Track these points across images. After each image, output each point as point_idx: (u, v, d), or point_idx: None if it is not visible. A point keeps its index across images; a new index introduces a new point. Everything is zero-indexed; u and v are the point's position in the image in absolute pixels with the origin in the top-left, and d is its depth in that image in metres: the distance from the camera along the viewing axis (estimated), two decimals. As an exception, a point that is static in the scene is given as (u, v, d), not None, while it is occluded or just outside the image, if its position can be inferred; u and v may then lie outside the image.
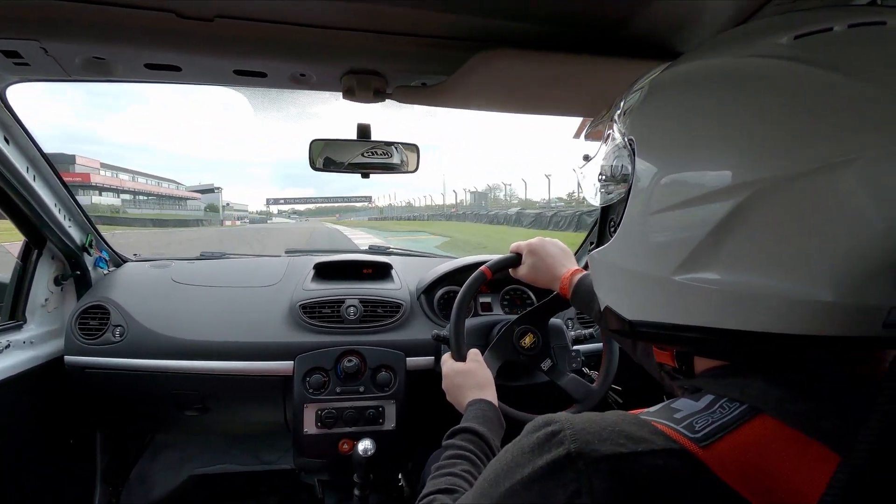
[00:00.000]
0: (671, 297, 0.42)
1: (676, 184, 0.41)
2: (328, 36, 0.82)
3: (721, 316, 0.39)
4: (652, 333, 0.46)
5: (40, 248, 1.34)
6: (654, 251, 0.43)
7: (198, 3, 0.74)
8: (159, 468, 1.86)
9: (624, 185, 0.47)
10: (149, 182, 73.95)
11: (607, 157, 0.51)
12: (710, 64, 0.42)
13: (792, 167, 0.34)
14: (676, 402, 0.41)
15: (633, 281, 0.46)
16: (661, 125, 0.44)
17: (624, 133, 0.47)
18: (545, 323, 1.22)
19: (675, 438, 0.36)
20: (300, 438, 1.33)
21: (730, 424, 0.36)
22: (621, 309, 0.49)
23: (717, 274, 0.38)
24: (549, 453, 0.37)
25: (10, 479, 1.21)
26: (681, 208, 0.40)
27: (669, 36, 0.82)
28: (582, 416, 0.40)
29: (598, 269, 0.54)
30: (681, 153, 0.41)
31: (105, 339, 1.36)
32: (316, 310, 1.44)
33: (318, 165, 1.10)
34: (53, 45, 0.81)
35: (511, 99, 1.00)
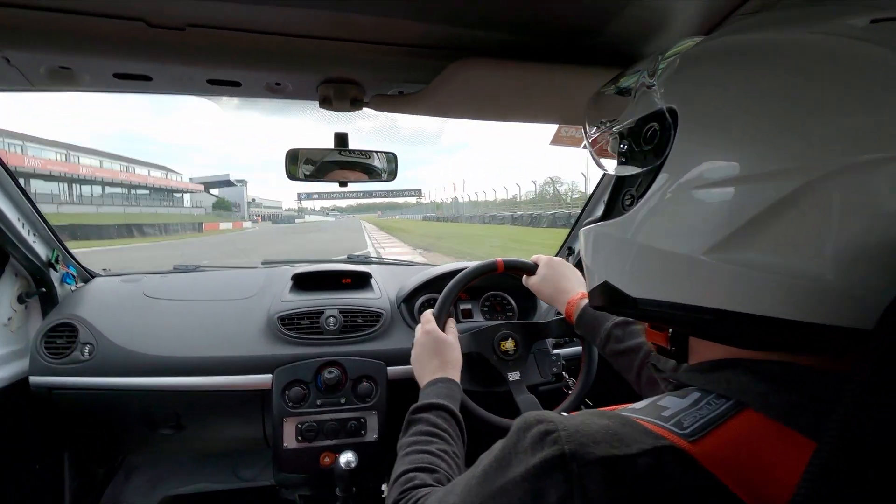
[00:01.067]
0: (693, 278, 0.40)
1: (727, 160, 0.38)
2: (303, 45, 0.82)
3: (741, 300, 0.37)
4: (657, 312, 0.44)
5: (2, 265, 1.29)
6: (685, 229, 0.40)
7: (168, 12, 0.73)
8: (131, 490, 1.79)
9: (654, 157, 0.44)
10: (109, 166, 49.93)
11: (636, 124, 0.47)
12: (770, 37, 0.39)
13: (857, 154, 0.32)
14: (663, 399, 0.42)
15: (648, 257, 0.44)
16: (712, 97, 0.41)
17: (662, 100, 0.44)
18: (531, 341, 1.24)
19: (663, 436, 0.36)
20: (280, 453, 1.30)
21: (717, 419, 0.37)
22: (626, 286, 0.47)
23: (754, 258, 0.36)
24: (541, 452, 0.37)
25: None
26: (725, 186, 0.38)
27: (638, 45, 0.85)
28: (575, 419, 0.39)
29: (600, 242, 0.52)
30: (734, 129, 0.38)
31: (73, 357, 1.31)
32: (294, 321, 1.41)
33: (297, 175, 1.09)
34: (16, 55, 0.78)
35: (488, 107, 1.01)
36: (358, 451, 1.26)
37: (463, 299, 1.62)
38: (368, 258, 2.00)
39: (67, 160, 42.60)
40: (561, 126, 1.50)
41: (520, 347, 1.19)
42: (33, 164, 36.76)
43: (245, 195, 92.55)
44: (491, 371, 1.19)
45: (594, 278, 0.53)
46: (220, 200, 79.08)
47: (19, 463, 1.33)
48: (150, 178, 59.69)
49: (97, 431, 1.45)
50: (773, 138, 0.36)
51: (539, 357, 1.34)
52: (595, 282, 0.53)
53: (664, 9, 0.76)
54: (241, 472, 1.93)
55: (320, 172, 1.10)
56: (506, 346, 1.18)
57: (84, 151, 46.98)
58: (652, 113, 0.45)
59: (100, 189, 47.92)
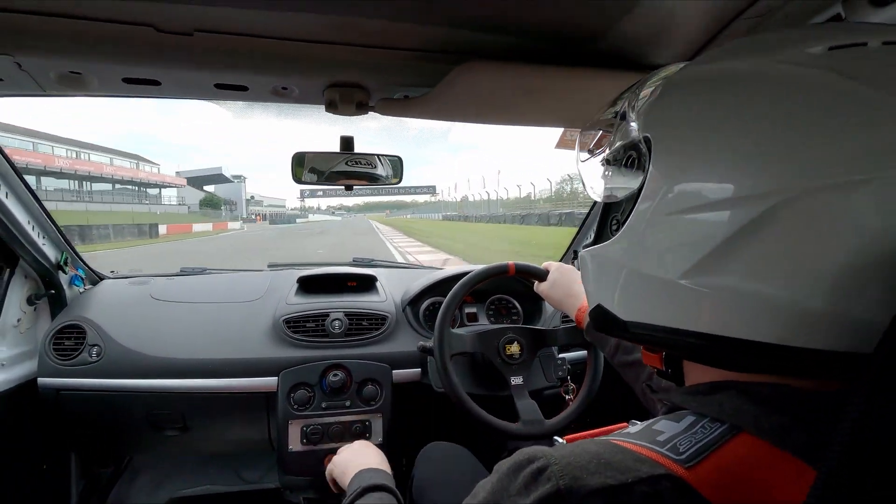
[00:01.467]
0: (675, 302, 0.41)
1: (696, 187, 0.39)
2: (310, 49, 0.83)
3: (724, 324, 0.38)
4: (646, 335, 0.45)
5: (12, 266, 1.30)
6: (663, 253, 0.42)
7: (177, 17, 0.73)
8: (137, 491, 1.80)
9: (634, 183, 0.45)
10: (49, 150, 36.70)
11: (617, 153, 0.49)
12: (737, 66, 0.41)
13: (819, 179, 0.33)
14: (658, 423, 0.41)
15: (634, 281, 0.45)
16: (682, 125, 0.42)
17: (639, 130, 0.46)
18: (536, 347, 1.23)
19: (659, 462, 0.36)
20: (285, 456, 1.30)
21: (712, 444, 0.36)
22: (616, 308, 0.48)
23: (729, 281, 0.37)
24: (536, 492, 0.36)
25: None
26: (697, 212, 0.39)
27: (643, 49, 0.85)
28: (565, 449, 0.39)
29: (592, 265, 0.53)
30: (703, 156, 0.39)
31: (81, 359, 1.32)
32: (300, 324, 1.42)
33: (302, 178, 1.09)
34: (28, 60, 0.79)
35: (493, 110, 1.01)
36: None
37: (468, 302, 1.62)
38: (373, 261, 2.00)
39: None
40: (566, 129, 1.50)
41: (525, 352, 1.19)
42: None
43: (243, 192, 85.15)
44: (494, 374, 1.19)
45: (591, 300, 0.54)
46: (208, 197, 69.10)
47: (27, 463, 1.34)
48: (112, 168, 45.60)
49: (103, 432, 1.45)
50: (740, 163, 0.37)
51: (544, 361, 1.34)
52: (591, 303, 0.54)
53: (669, 12, 0.76)
54: (245, 474, 1.93)
55: (326, 177, 1.10)
56: (511, 350, 1.18)
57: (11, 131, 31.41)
58: (630, 142, 0.47)
59: (33, 180, 32.80)
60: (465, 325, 1.57)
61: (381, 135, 44.95)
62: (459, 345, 1.17)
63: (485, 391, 1.23)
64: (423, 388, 1.36)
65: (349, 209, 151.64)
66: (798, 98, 0.36)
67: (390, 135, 48.43)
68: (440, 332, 1.14)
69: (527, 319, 1.61)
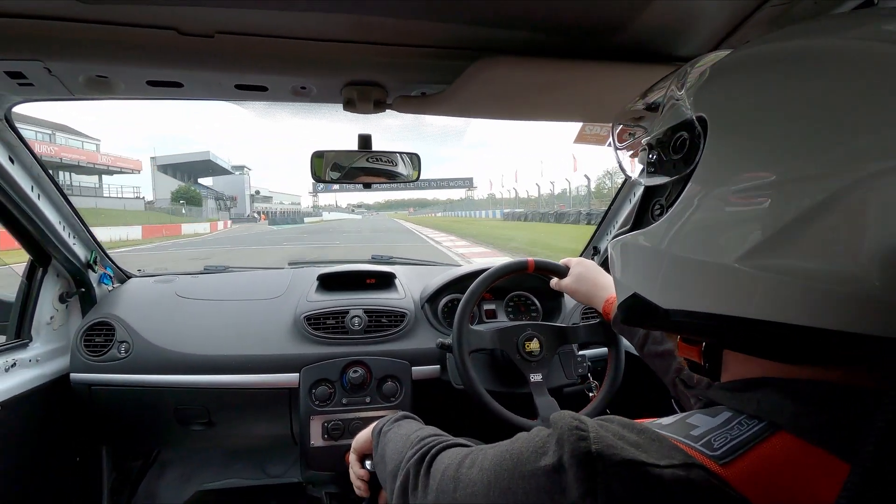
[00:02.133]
0: (726, 287, 0.39)
1: (760, 166, 0.37)
2: (327, 49, 0.83)
3: (781, 309, 0.36)
4: (690, 324, 0.43)
5: (45, 266, 1.35)
6: (717, 236, 0.40)
7: (198, 20, 0.75)
8: (166, 484, 1.85)
9: (683, 166, 0.44)
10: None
11: (664, 135, 0.47)
12: (806, 44, 0.39)
13: (892, 160, 0.32)
14: (692, 416, 0.40)
15: (679, 267, 0.43)
16: (745, 103, 0.41)
17: (691, 110, 0.44)
18: (556, 344, 1.22)
19: (693, 456, 0.35)
20: (307, 451, 1.32)
21: (749, 441, 0.35)
22: (656, 297, 0.46)
23: (793, 263, 0.35)
24: (570, 447, 0.37)
25: (17, 498, 1.21)
26: (761, 192, 0.37)
27: (665, 40, 0.83)
28: (601, 421, 0.39)
29: (627, 254, 0.51)
30: (770, 134, 0.38)
31: (111, 355, 1.36)
32: (320, 321, 1.44)
33: (323, 177, 1.10)
34: (57, 65, 0.82)
35: (511, 106, 1.00)
36: None
37: (487, 299, 1.61)
38: (392, 258, 2.01)
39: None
40: (585, 124, 1.48)
41: (544, 349, 1.18)
42: None
43: (247, 186, 74.72)
44: (513, 371, 1.18)
45: (623, 290, 0.52)
46: (183, 189, 52.14)
47: (61, 455, 1.39)
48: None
49: (133, 427, 1.50)
50: (808, 143, 0.35)
51: (564, 358, 1.33)
52: (624, 294, 0.52)
53: (690, 3, 0.74)
54: (269, 468, 1.97)
55: (345, 175, 1.11)
56: (530, 347, 1.18)
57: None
58: (680, 122, 0.45)
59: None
60: (483, 321, 1.57)
61: (400, 132, 43.39)
62: (478, 341, 1.17)
63: (504, 388, 1.22)
64: (442, 385, 1.36)
65: (369, 207, 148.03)
66: (872, 73, 0.34)
67: (408, 132, 47.22)
68: (459, 328, 1.14)
69: (546, 316, 1.60)
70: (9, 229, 1.20)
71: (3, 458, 1.11)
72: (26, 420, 1.22)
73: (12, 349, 1.26)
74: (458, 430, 0.85)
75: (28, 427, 1.23)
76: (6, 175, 1.04)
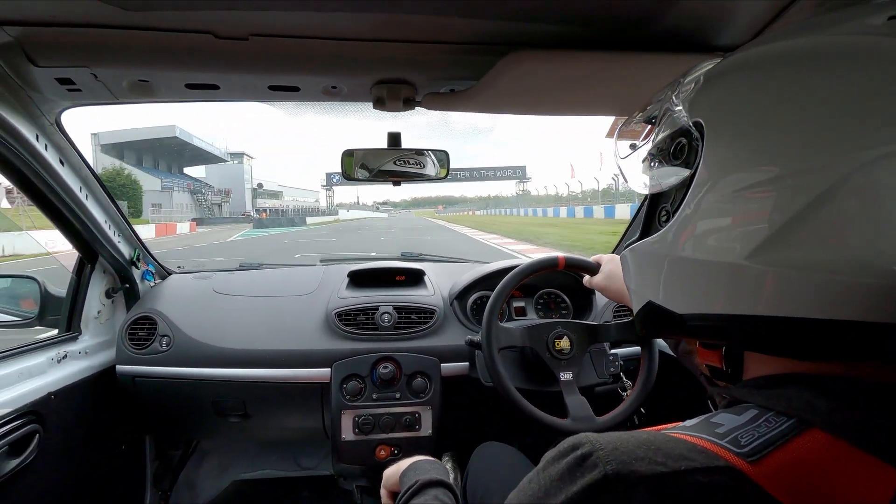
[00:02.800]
0: (738, 286, 0.39)
1: (760, 162, 0.38)
2: (357, 48, 0.84)
3: (797, 304, 0.35)
4: (706, 327, 0.43)
5: (93, 263, 1.41)
6: (725, 235, 0.40)
7: (233, 23, 0.77)
8: (204, 473, 1.92)
9: (685, 169, 0.44)
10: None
11: (663, 143, 0.48)
12: (794, 44, 0.40)
13: (890, 146, 0.32)
14: (716, 416, 0.39)
15: (690, 271, 0.43)
16: (739, 103, 0.41)
17: (687, 117, 0.45)
18: (587, 343, 1.20)
19: (718, 454, 0.34)
20: (338, 445, 1.35)
21: (778, 439, 0.34)
22: (670, 303, 0.46)
23: (802, 255, 0.35)
24: (583, 478, 0.35)
25: (68, 483, 1.28)
26: (763, 187, 0.37)
27: (703, 29, 0.80)
28: (611, 435, 0.38)
29: (637, 263, 0.51)
30: (767, 130, 0.38)
31: (153, 348, 1.42)
32: (351, 317, 1.46)
33: (353, 175, 1.12)
34: (102, 71, 0.86)
35: (541, 101, 0.99)
36: (412, 447, 1.28)
37: (516, 297, 1.60)
38: (421, 255, 2.02)
39: None
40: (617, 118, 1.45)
41: (575, 347, 1.17)
42: None
43: (248, 177, 62.32)
44: (543, 369, 1.17)
45: (638, 299, 0.52)
46: (109, 175, 36.44)
47: (108, 443, 1.46)
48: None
49: (174, 417, 1.56)
50: (810, 134, 0.35)
51: (595, 356, 1.31)
52: (639, 303, 0.51)
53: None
54: (302, 460, 2.02)
55: (375, 173, 1.12)
56: (560, 345, 1.16)
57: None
58: (678, 129, 0.46)
59: None
60: (513, 319, 1.56)
61: (426, 130, 41.22)
62: (507, 339, 1.16)
63: (533, 386, 1.21)
64: (471, 382, 1.36)
65: (395, 204, 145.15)
66: (861, 65, 0.35)
67: (433, 130, 45.21)
68: (488, 325, 1.14)
69: (577, 314, 1.58)
70: (60, 228, 1.27)
71: (55, 444, 1.17)
72: (76, 409, 1.29)
73: (63, 342, 1.33)
74: (488, 427, 0.85)
75: (77, 416, 1.30)
76: (57, 177, 1.10)
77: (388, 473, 0.85)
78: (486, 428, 0.89)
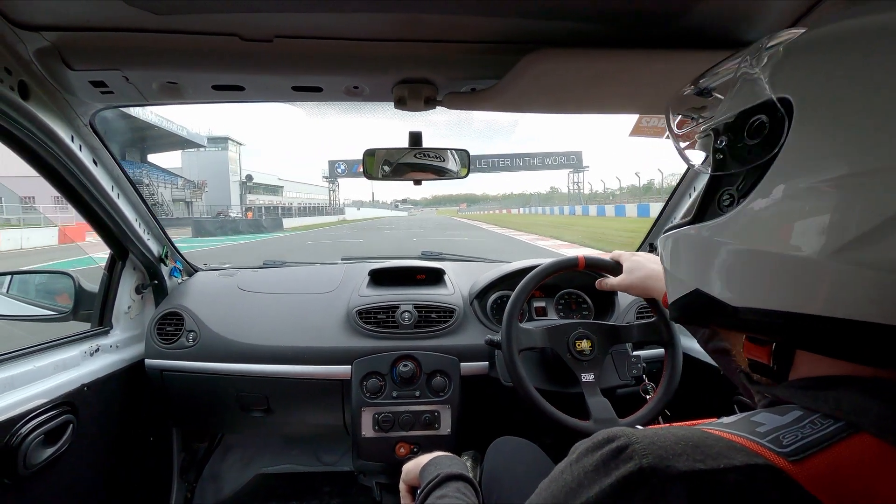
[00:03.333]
0: (815, 283, 0.36)
1: (858, 152, 0.34)
2: (379, 48, 0.85)
3: (878, 307, 0.33)
4: (762, 323, 0.40)
5: (123, 259, 1.46)
6: (807, 229, 0.36)
7: (258, 25, 0.79)
8: (228, 466, 1.96)
9: (762, 152, 0.40)
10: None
11: (736, 118, 0.43)
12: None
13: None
14: (757, 415, 0.38)
15: (755, 262, 0.40)
16: (837, 83, 0.37)
17: (771, 91, 0.40)
18: (609, 344, 1.18)
19: (758, 453, 0.32)
20: (358, 441, 1.36)
21: (824, 441, 0.33)
22: (723, 294, 0.43)
23: (894, 258, 0.32)
24: (617, 470, 0.34)
25: (100, 471, 1.32)
26: (859, 179, 0.34)
27: (731, 25, 0.78)
28: (647, 430, 0.37)
29: (690, 247, 0.48)
30: (869, 116, 0.34)
31: (180, 343, 1.46)
32: (371, 315, 1.47)
33: (375, 174, 1.13)
34: (133, 73, 0.89)
35: (563, 100, 0.98)
36: (432, 445, 1.28)
37: (537, 297, 1.59)
38: (441, 254, 2.03)
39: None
40: (642, 116, 1.42)
41: (596, 348, 1.15)
42: None
43: (236, 168, 51.34)
44: (564, 370, 1.16)
45: (681, 287, 0.48)
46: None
47: (137, 434, 1.50)
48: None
49: (200, 411, 1.60)
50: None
51: (617, 358, 1.29)
52: (682, 290, 0.48)
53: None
54: (323, 456, 2.04)
55: (396, 172, 1.12)
56: (581, 346, 1.15)
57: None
58: (758, 104, 0.41)
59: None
60: (533, 319, 1.55)
61: (446, 128, 39.80)
62: (528, 340, 1.15)
63: (554, 387, 1.20)
64: (491, 382, 1.36)
65: (415, 202, 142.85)
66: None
67: (452, 128, 43.33)
68: (508, 326, 1.13)
69: (598, 315, 1.56)
70: (93, 225, 1.31)
71: (88, 434, 1.22)
72: (107, 401, 1.33)
73: (96, 335, 1.38)
74: (507, 427, 0.84)
75: (109, 407, 1.34)
76: (91, 176, 1.14)
77: (408, 468, 0.86)
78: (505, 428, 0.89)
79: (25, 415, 1.02)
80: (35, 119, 0.92)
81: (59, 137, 1.00)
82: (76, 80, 0.90)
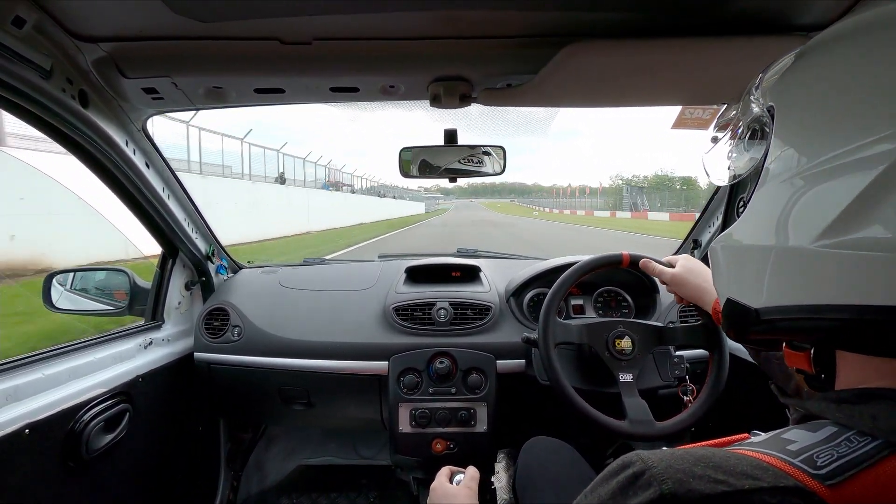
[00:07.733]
0: (809, 271, 0.36)
1: (823, 141, 0.37)
2: (414, 47, 0.85)
3: (868, 289, 0.32)
4: (783, 321, 0.39)
5: (174, 257, 1.53)
6: (792, 220, 0.38)
7: (297, 29, 0.81)
8: (272, 457, 2.03)
9: (758, 156, 0.44)
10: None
11: (741, 133, 0.48)
12: (862, 19, 0.39)
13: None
14: (788, 432, 0.36)
15: (762, 259, 0.41)
16: (802, 83, 0.41)
17: (762, 104, 0.45)
18: (650, 345, 1.14)
19: (787, 473, 0.31)
20: (396, 436, 1.38)
21: (862, 461, 0.30)
22: (746, 297, 0.43)
23: (867, 237, 0.32)
24: (636, 497, 0.32)
25: (154, 458, 1.40)
26: (827, 165, 0.35)
27: (783, 9, 0.74)
28: (663, 452, 0.35)
29: (720, 257, 0.49)
30: (829, 108, 0.38)
31: (226, 337, 1.52)
32: (408, 312, 1.48)
33: (411, 172, 1.14)
34: (182, 80, 0.93)
35: (601, 93, 0.96)
36: (468, 442, 1.28)
37: (575, 294, 1.56)
38: (477, 251, 2.02)
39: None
40: (685, 107, 1.37)
41: (637, 348, 1.11)
42: None
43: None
44: (601, 369, 1.13)
45: (721, 298, 0.49)
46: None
47: (188, 424, 1.58)
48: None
49: (244, 403, 1.66)
50: (869, 110, 0.35)
51: (659, 358, 1.25)
52: (721, 301, 0.49)
53: None
54: (361, 450, 2.08)
55: (432, 171, 1.13)
56: (621, 345, 1.11)
57: None
58: (752, 118, 0.46)
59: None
60: (571, 317, 1.52)
61: (479, 120, 37.46)
62: (565, 334, 1.13)
63: (591, 386, 1.18)
64: (527, 380, 1.35)
65: (447, 192, 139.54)
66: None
67: (487, 120, 42.31)
68: (545, 321, 1.12)
69: (639, 314, 1.51)
70: (145, 225, 1.39)
71: (142, 423, 1.29)
72: (160, 391, 1.41)
73: (149, 329, 1.45)
74: (543, 425, 0.83)
75: (161, 398, 1.42)
76: (143, 179, 1.20)
77: (436, 489, 0.91)
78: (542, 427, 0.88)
79: (87, 403, 1.08)
80: (94, 126, 0.97)
81: (115, 142, 1.05)
82: (130, 87, 0.95)
